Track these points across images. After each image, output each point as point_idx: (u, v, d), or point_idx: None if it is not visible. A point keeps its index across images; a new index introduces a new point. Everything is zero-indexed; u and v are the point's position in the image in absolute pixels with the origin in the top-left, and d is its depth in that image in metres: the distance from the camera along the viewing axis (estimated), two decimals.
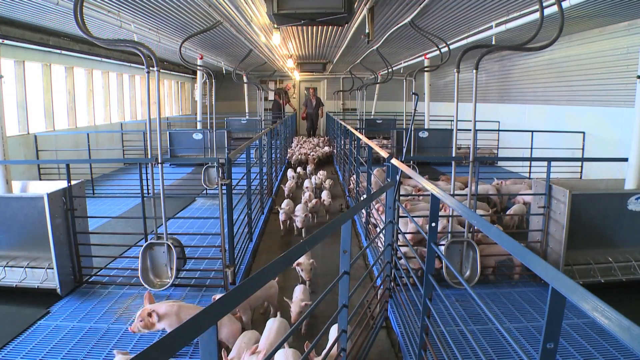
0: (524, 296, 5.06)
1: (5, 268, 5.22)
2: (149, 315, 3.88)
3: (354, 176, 8.78)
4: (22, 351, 4.04)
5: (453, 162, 5.59)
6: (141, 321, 3.88)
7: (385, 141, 15.91)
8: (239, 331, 3.95)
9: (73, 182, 5.22)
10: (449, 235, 5.34)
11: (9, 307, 4.88)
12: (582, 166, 9.68)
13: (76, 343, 4.15)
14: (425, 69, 11.83)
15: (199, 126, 14.72)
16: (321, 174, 11.24)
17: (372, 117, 20.00)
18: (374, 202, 6.40)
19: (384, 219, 4.57)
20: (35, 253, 5.25)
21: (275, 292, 4.77)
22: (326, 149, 16.34)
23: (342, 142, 12.28)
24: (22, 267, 5.21)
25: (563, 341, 4.06)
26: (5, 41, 8.85)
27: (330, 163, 15.41)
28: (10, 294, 5.11)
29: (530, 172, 10.80)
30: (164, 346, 1.32)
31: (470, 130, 5.41)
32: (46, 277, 5.14)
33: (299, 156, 14.10)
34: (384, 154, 5.18)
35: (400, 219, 5.37)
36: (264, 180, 8.96)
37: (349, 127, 9.77)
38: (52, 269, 5.06)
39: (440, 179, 9.04)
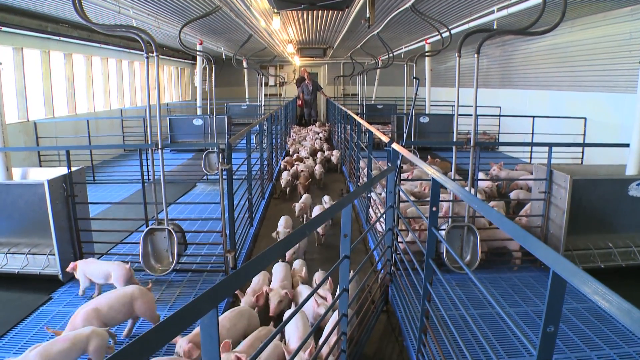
0: (523, 281, 5.08)
1: (7, 255, 5.23)
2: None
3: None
4: (25, 337, 4.07)
5: (454, 147, 5.57)
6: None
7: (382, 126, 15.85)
8: (153, 303, 3.94)
9: (73, 169, 5.21)
10: (450, 220, 5.35)
11: (11, 294, 4.91)
12: (583, 152, 9.65)
13: None
14: (426, 53, 11.76)
15: (199, 112, 14.67)
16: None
17: (372, 102, 19.92)
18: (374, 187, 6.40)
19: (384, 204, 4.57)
20: (37, 240, 5.26)
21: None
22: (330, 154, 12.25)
23: (343, 127, 12.24)
24: (24, 253, 5.23)
25: (562, 325, 4.08)
26: (4, 28, 8.80)
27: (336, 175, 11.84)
28: (12, 281, 5.13)
29: (531, 158, 10.77)
30: (164, 329, 1.32)
31: (471, 115, 5.39)
32: (48, 263, 5.16)
33: (289, 178, 9.22)
34: (384, 138, 5.17)
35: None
36: (264, 166, 8.96)
37: (349, 112, 9.74)
38: (54, 255, 5.08)
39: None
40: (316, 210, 7.03)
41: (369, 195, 6.62)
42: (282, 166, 10.59)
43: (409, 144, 5.35)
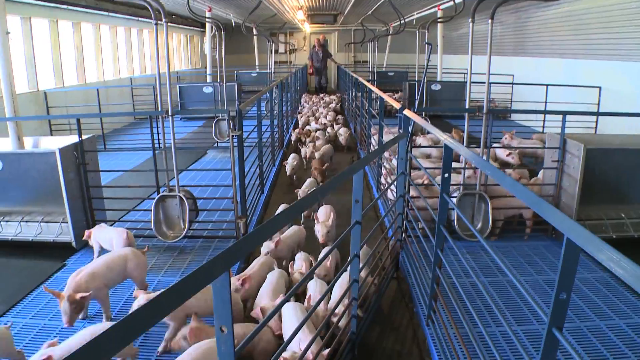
0: (534, 250, 5.06)
1: (21, 223, 5.30)
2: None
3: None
4: (40, 303, 4.14)
5: (466, 114, 5.51)
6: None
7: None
8: (145, 266, 4.02)
9: (84, 137, 5.22)
10: (461, 187, 5.32)
11: (26, 261, 4.98)
12: (597, 121, 9.50)
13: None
14: (439, 20, 11.55)
15: (208, 79, 14.57)
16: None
17: (383, 69, 19.68)
18: (385, 153, 6.37)
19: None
20: (50, 208, 5.31)
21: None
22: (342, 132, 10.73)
23: (354, 94, 12.13)
24: (37, 221, 5.29)
25: (572, 295, 4.07)
26: None
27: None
28: (26, 248, 5.20)
29: (543, 127, 10.63)
30: (178, 291, 1.32)
31: (484, 83, 5.31)
32: (61, 231, 5.21)
33: (295, 163, 7.86)
34: (396, 105, 5.11)
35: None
36: (275, 133, 8.93)
37: (360, 79, 9.64)
38: (67, 222, 5.13)
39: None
40: (321, 212, 5.30)
41: (380, 162, 6.59)
42: (293, 138, 10.26)
43: (421, 110, 5.29)
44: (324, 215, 5.00)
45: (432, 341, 3.49)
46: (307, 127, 11.01)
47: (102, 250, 4.68)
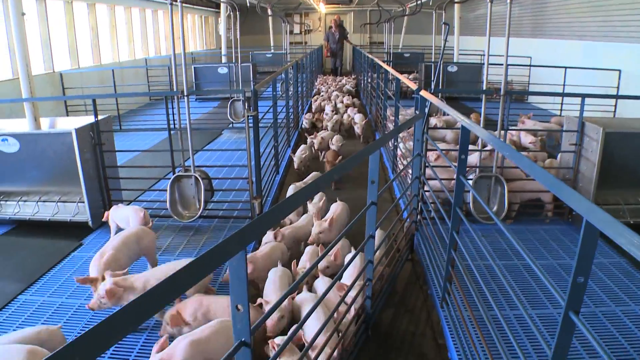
0: (550, 234, 5.02)
1: (38, 203, 5.37)
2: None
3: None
4: (57, 282, 4.20)
5: (483, 96, 5.45)
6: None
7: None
8: (154, 239, 4.10)
9: (100, 117, 5.24)
10: (477, 170, 5.28)
11: (44, 240, 5.04)
12: (616, 104, 9.32)
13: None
14: (456, 0, 11.38)
15: (223, 60, 14.54)
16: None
17: (399, 50, 19.49)
18: (401, 136, 6.33)
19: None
20: (66, 188, 5.36)
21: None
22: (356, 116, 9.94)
23: (369, 76, 12.04)
24: (54, 201, 5.36)
25: (588, 279, 4.04)
26: None
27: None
28: (44, 228, 5.27)
29: (561, 110, 10.47)
30: (194, 269, 1.32)
31: (501, 65, 5.23)
32: (77, 210, 5.27)
33: (304, 155, 7.10)
34: (412, 85, 5.07)
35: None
36: (290, 114, 8.91)
37: (376, 59, 9.55)
38: (83, 202, 5.18)
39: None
40: (333, 208, 4.98)
41: (395, 143, 6.55)
42: (304, 124, 9.90)
43: (437, 91, 5.23)
44: (330, 213, 4.73)
45: (446, 323, 3.49)
46: (324, 114, 10.39)
47: (119, 230, 4.72)
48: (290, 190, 5.55)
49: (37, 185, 5.42)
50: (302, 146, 7.31)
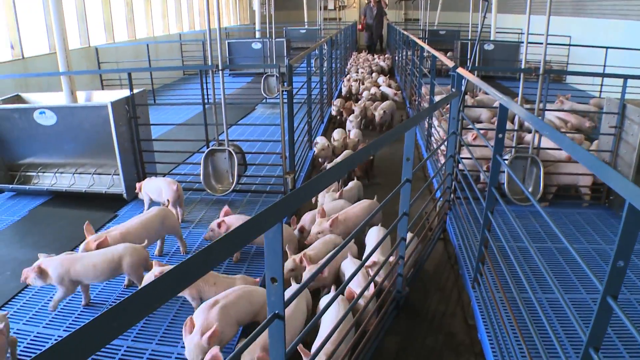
0: (586, 218, 4.89)
1: (75, 175, 5.49)
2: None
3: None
4: None
5: (521, 75, 5.31)
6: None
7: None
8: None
9: (135, 91, 5.29)
10: (513, 150, 5.18)
11: (80, 212, 5.15)
12: None
13: None
14: None
15: (257, 36, 14.50)
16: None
17: (435, 28, 19.11)
18: (436, 114, 6.24)
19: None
20: (102, 160, 5.45)
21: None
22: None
23: (404, 53, 11.85)
24: (90, 173, 5.47)
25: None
26: None
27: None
28: (80, 199, 5.38)
29: (601, 92, 10.13)
30: (230, 240, 1.33)
31: (540, 43, 5.07)
32: (112, 182, 5.37)
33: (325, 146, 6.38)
34: (449, 63, 4.97)
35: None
36: (323, 90, 8.84)
37: (412, 36, 9.39)
38: (118, 175, 5.27)
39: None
40: (331, 206, 4.60)
41: (430, 122, 6.47)
42: (333, 111, 8.99)
43: (474, 69, 5.11)
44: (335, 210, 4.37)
45: (476, 304, 3.45)
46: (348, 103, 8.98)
47: (152, 203, 4.78)
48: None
49: (73, 158, 5.52)
50: (321, 138, 6.58)
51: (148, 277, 3.23)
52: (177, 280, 1.15)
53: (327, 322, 2.86)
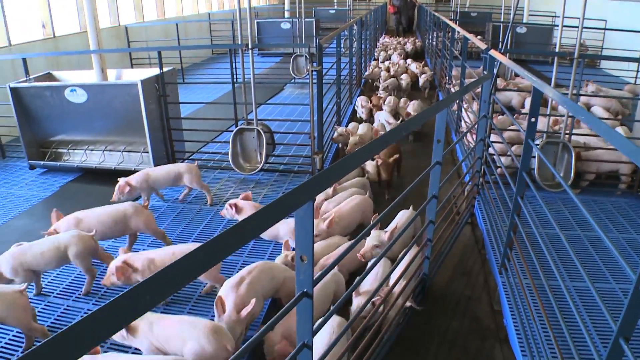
0: (617, 207, 4.78)
1: (105, 152, 5.57)
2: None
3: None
4: None
5: (555, 58, 5.18)
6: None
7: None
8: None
9: (164, 70, 5.32)
10: (544, 135, 5.08)
11: (109, 188, 5.17)
12: None
13: (171, 220, 4.43)
14: None
15: (286, 15, 14.43)
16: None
17: (466, 9, 18.75)
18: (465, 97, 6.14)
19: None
20: (131, 138, 5.52)
21: None
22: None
23: (435, 35, 11.67)
24: (120, 151, 5.55)
25: None
26: None
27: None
28: (110, 176, 5.43)
29: (636, 77, 9.84)
30: (260, 218, 1.33)
31: (575, 27, 4.93)
32: (142, 160, 5.44)
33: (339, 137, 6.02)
34: (481, 45, 4.88)
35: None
36: (353, 71, 8.78)
37: (442, 17, 9.24)
38: (147, 152, 5.34)
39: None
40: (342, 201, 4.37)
41: (460, 104, 6.38)
42: (359, 107, 7.70)
43: (507, 52, 5.00)
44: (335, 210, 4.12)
45: (503, 289, 3.43)
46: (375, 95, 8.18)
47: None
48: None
49: (103, 135, 5.60)
50: (340, 129, 6.05)
51: (112, 266, 3.13)
52: (211, 253, 1.16)
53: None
